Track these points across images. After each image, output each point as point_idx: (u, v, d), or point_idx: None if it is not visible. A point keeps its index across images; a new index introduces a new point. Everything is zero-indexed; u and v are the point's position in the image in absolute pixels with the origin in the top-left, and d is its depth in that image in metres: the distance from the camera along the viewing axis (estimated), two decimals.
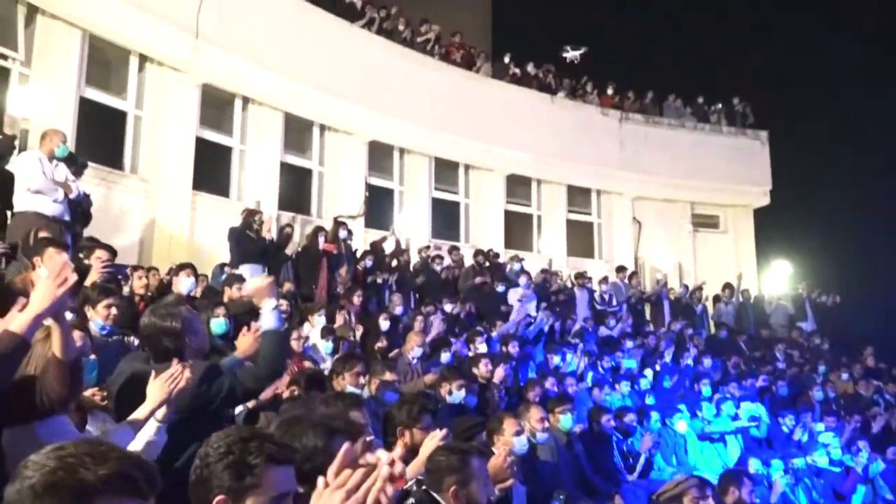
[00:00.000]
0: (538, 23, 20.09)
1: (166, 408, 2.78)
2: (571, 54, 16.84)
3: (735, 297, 14.35)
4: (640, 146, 16.35)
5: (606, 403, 7.66)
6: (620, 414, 7.03)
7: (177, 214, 10.42)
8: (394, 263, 11.09)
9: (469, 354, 7.76)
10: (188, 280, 6.71)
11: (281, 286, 7.60)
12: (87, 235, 7.00)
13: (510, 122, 14.72)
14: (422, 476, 3.05)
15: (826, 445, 7.67)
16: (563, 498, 4.60)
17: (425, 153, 14.23)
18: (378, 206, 13.45)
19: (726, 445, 7.79)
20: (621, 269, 13.93)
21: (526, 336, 9.29)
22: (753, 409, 8.52)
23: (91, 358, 3.58)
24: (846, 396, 10.58)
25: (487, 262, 12.03)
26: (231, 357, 3.93)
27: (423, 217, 14.03)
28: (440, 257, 11.78)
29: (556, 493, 4.63)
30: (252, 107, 11.97)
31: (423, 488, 2.95)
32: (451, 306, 9.78)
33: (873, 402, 10.22)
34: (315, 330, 7.05)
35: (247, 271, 8.51)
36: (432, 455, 3.06)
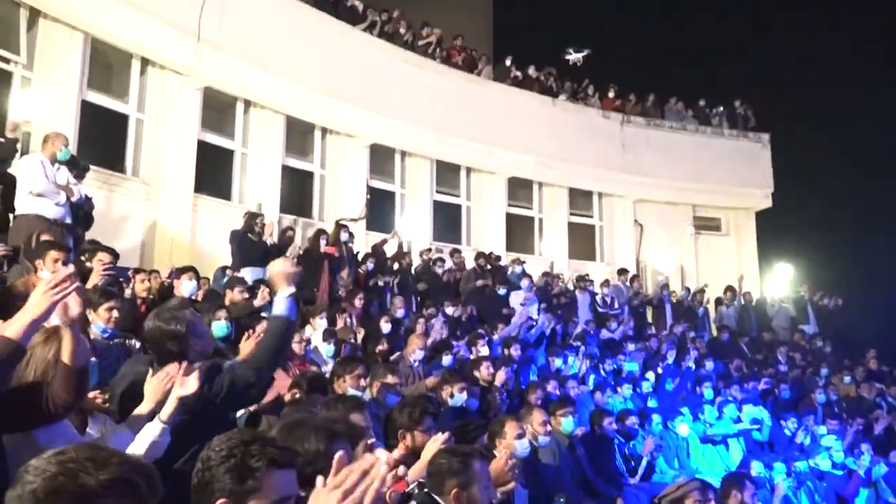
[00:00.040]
0: (539, 25, 20.14)
1: (172, 410, 2.78)
2: (574, 56, 16.88)
3: (737, 300, 14.35)
4: (642, 149, 16.35)
5: (608, 406, 7.65)
6: (622, 417, 7.01)
7: (178, 217, 10.42)
8: (395, 266, 11.09)
9: (471, 357, 7.76)
10: (190, 283, 6.73)
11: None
12: (89, 238, 7.00)
13: (511, 125, 14.73)
14: (423, 479, 3.05)
15: (828, 448, 7.64)
16: (565, 501, 4.60)
17: (427, 156, 14.23)
18: (379, 209, 13.45)
19: (728, 448, 7.78)
20: (623, 272, 13.93)
21: (527, 339, 9.28)
22: (756, 412, 8.51)
23: (92, 360, 3.57)
24: (848, 399, 10.55)
25: (489, 265, 12.02)
26: (233, 361, 3.92)
27: (425, 220, 14.02)
28: (442, 260, 11.78)
29: (558, 497, 4.63)
30: (254, 110, 11.98)
31: (425, 491, 2.95)
32: (453, 309, 9.78)
33: (876, 405, 10.20)
34: (317, 333, 7.04)
35: (248, 274, 8.52)
36: (434, 458, 3.06)
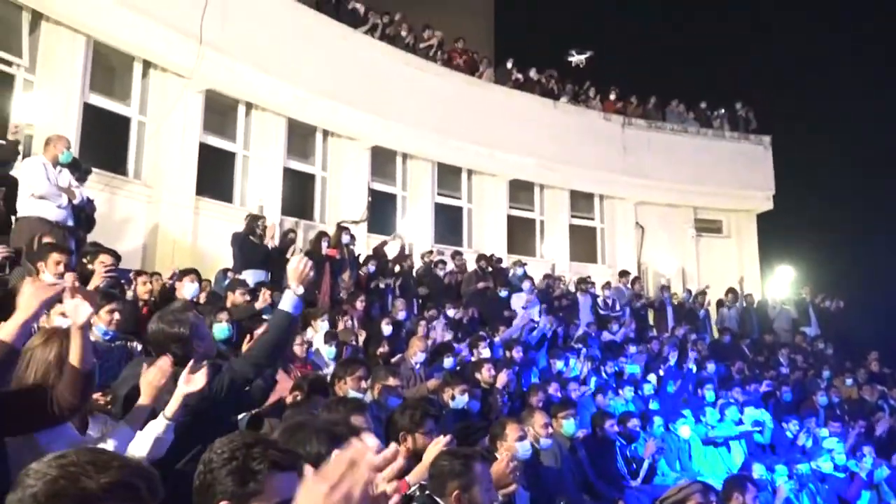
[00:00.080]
0: (540, 28, 20.14)
1: (177, 406, 2.79)
2: (577, 58, 16.89)
3: (738, 302, 14.34)
4: (643, 151, 16.35)
5: (610, 408, 7.63)
6: (624, 419, 6.99)
7: (180, 220, 10.44)
8: (396, 269, 11.09)
9: (472, 359, 7.75)
10: (192, 286, 6.74)
11: (282, 290, 7.58)
12: (91, 241, 7.01)
13: (513, 127, 14.74)
14: (425, 481, 3.05)
15: (830, 451, 7.63)
16: (566, 503, 4.60)
17: (428, 158, 14.24)
18: (381, 212, 13.46)
19: (730, 451, 7.77)
20: (624, 274, 13.92)
21: (529, 341, 9.27)
22: (757, 415, 8.50)
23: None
24: (850, 401, 10.52)
25: (490, 267, 12.01)
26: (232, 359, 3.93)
27: (426, 222, 14.03)
28: (443, 262, 11.78)
29: (560, 499, 4.62)
30: (255, 112, 11.99)
31: (427, 493, 2.95)
32: (454, 311, 9.78)
33: (878, 408, 10.17)
34: (318, 335, 7.04)
35: (250, 277, 8.53)
36: (435, 460, 3.06)
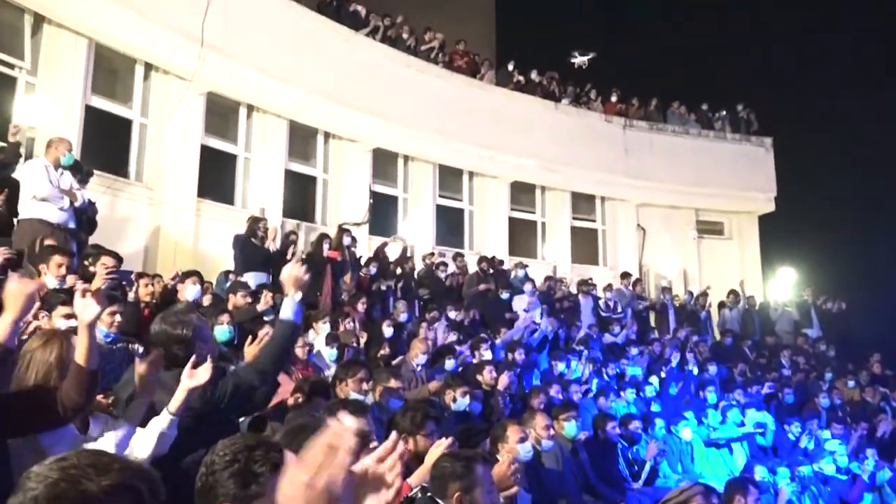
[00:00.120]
0: (541, 30, 20.14)
1: (181, 401, 2.80)
2: (580, 60, 16.89)
3: (740, 304, 14.33)
4: (645, 153, 16.35)
5: (611, 410, 7.62)
6: (625, 421, 6.98)
7: (181, 222, 10.44)
8: (398, 271, 11.09)
9: (473, 361, 7.75)
10: (194, 288, 6.74)
11: (283, 293, 7.59)
12: (92, 243, 7.02)
13: (514, 129, 14.74)
14: (426, 483, 3.05)
15: (832, 453, 7.63)
16: None
17: (429, 160, 14.24)
18: (382, 214, 13.47)
19: (732, 453, 7.76)
20: (626, 276, 13.91)
21: (530, 343, 9.27)
22: (759, 417, 8.48)
23: None
24: (852, 403, 10.51)
25: (492, 269, 12.00)
26: (237, 365, 3.93)
27: (428, 224, 14.03)
28: (444, 264, 11.77)
29: (561, 501, 4.62)
30: (256, 114, 12.00)
31: (428, 495, 2.95)
32: (456, 313, 9.78)
33: (880, 409, 10.16)
34: (319, 337, 7.04)
35: (251, 279, 8.53)
36: (437, 462, 3.06)
